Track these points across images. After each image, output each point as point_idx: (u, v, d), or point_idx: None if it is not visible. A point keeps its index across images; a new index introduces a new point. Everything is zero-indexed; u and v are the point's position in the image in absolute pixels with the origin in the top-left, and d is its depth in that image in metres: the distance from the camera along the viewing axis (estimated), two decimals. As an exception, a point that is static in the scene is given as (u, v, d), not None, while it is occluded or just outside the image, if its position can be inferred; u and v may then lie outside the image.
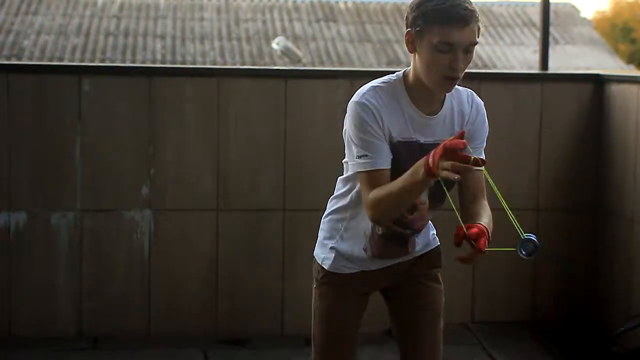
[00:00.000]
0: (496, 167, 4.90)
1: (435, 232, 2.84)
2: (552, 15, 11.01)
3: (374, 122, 2.51)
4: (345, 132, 2.60)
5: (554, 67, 10.79)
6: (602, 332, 4.76)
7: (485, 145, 2.70)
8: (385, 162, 2.52)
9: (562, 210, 5.00)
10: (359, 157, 2.52)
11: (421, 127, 2.56)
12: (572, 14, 16.84)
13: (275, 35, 14.54)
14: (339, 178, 2.74)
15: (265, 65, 13.40)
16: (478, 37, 2.48)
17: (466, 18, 2.43)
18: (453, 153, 2.28)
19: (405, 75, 2.59)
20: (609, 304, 4.87)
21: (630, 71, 16.08)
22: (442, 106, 2.59)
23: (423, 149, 2.50)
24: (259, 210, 4.76)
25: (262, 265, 4.79)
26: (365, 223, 2.66)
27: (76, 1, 15.33)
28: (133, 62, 13.38)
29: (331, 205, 2.76)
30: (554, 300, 5.03)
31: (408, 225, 2.66)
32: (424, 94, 2.55)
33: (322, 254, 2.76)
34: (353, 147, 2.54)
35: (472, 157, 2.30)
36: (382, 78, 2.61)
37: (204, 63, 13.67)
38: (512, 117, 4.95)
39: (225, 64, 13.67)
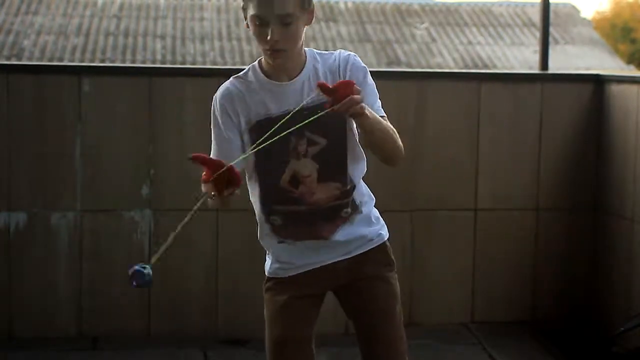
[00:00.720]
0: (496, 167, 4.92)
1: (381, 224, 2.73)
2: (552, 15, 11.02)
3: (227, 123, 2.64)
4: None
5: (554, 67, 10.79)
6: (602, 332, 4.76)
7: (377, 101, 2.61)
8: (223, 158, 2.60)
9: (562, 210, 5.00)
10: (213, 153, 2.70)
11: (279, 97, 2.57)
12: (572, 14, 16.84)
13: (275, 35, 14.52)
14: None
15: (265, 65, 13.37)
16: (305, 9, 2.50)
17: None
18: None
19: (259, 61, 2.64)
20: (609, 304, 4.87)
21: (630, 71, 16.08)
22: (301, 70, 2.57)
23: (273, 122, 2.49)
24: (259, 210, 4.75)
25: (262, 266, 4.77)
26: (261, 223, 2.72)
27: (76, 1, 15.34)
28: (133, 62, 13.38)
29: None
30: (554, 300, 5.03)
31: (297, 201, 2.60)
32: (272, 67, 2.58)
33: (267, 262, 2.83)
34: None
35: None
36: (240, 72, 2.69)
37: (204, 63, 13.67)
38: (512, 117, 4.95)
39: (225, 64, 13.68)
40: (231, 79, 2.69)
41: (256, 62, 2.65)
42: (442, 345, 4.70)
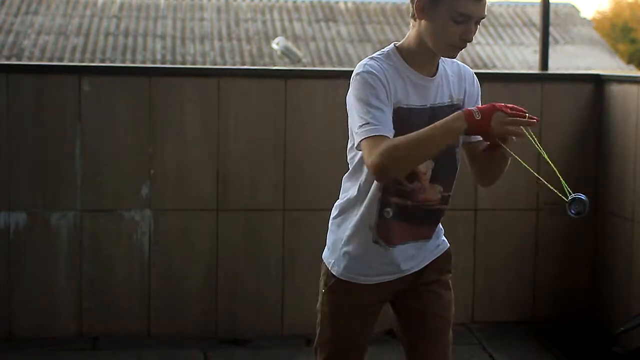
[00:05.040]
0: (496, 167, 4.91)
1: (443, 232, 2.79)
2: (552, 15, 11.02)
3: (381, 88, 2.49)
4: (350, 110, 2.54)
5: (554, 67, 10.79)
6: (602, 332, 4.76)
7: None
8: (388, 131, 2.45)
9: (562, 210, 4.98)
10: (363, 125, 2.45)
11: (421, 90, 2.57)
12: (572, 14, 16.84)
13: (275, 35, 14.54)
14: (344, 177, 2.70)
15: (265, 65, 13.40)
16: None
17: None
18: (502, 114, 2.38)
19: (397, 47, 2.59)
20: (609, 304, 4.87)
21: (630, 71, 16.08)
22: (437, 69, 2.61)
23: (433, 112, 2.54)
24: (259, 210, 4.76)
25: (262, 266, 4.78)
26: (369, 213, 2.59)
27: (76, 1, 15.34)
28: (133, 62, 13.38)
29: (337, 206, 2.70)
30: (554, 300, 5.03)
31: (408, 196, 2.58)
32: (421, 60, 2.57)
33: (332, 259, 2.69)
34: (357, 117, 2.48)
35: (527, 115, 2.36)
36: (377, 52, 2.62)
37: (204, 63, 13.67)
38: (512, 117, 4.94)
39: (225, 64, 13.67)
40: (373, 58, 2.58)
41: (393, 48, 2.59)
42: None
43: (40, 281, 4.65)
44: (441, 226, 2.77)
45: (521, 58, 14.64)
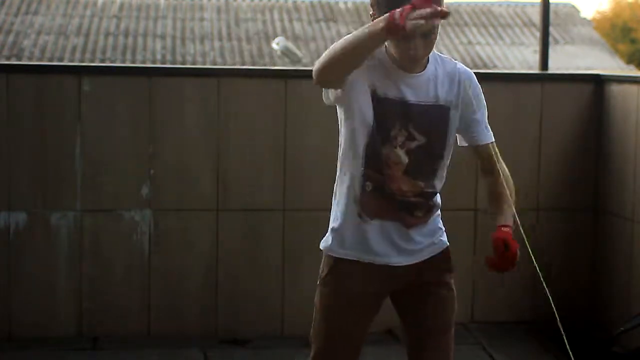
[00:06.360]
0: (496, 167, 4.91)
1: (443, 231, 2.79)
2: (552, 15, 11.01)
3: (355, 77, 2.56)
4: None
5: (554, 67, 10.79)
6: (603, 332, 4.75)
7: (484, 116, 2.75)
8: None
9: (562, 210, 5.00)
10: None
11: (408, 85, 2.60)
12: (572, 14, 16.83)
13: (275, 35, 14.54)
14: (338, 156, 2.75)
15: (265, 65, 13.40)
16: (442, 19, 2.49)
17: None
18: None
19: (386, 46, 2.63)
20: (609, 304, 4.87)
21: (630, 71, 16.07)
22: (425, 67, 2.62)
23: (410, 109, 2.58)
24: (259, 210, 4.76)
25: (262, 266, 4.78)
26: (354, 187, 2.65)
27: (76, 1, 15.34)
28: (133, 62, 13.38)
29: (335, 187, 2.75)
30: (554, 301, 5.02)
31: (384, 181, 2.62)
32: (401, 62, 2.60)
33: (323, 241, 2.75)
34: None
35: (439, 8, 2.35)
36: None
37: (204, 63, 13.67)
38: (512, 117, 4.95)
39: (225, 64, 13.67)
40: None
41: (383, 47, 2.63)
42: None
43: (40, 281, 4.65)
44: (441, 226, 2.77)
45: (521, 58, 14.63)
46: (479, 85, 2.72)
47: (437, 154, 2.66)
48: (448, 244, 2.79)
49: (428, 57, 2.62)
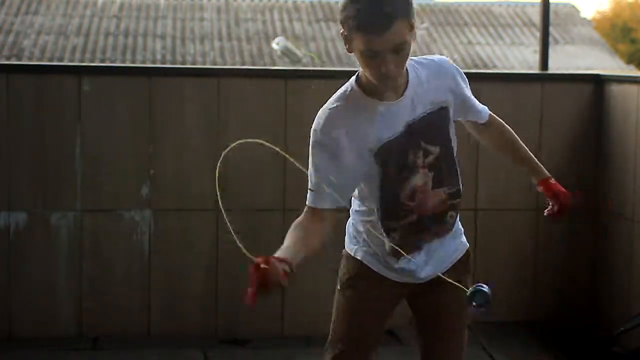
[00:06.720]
0: (496, 167, 4.92)
1: (462, 231, 2.78)
2: (552, 15, 11.00)
3: (330, 158, 2.52)
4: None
5: (554, 67, 10.79)
6: (602, 332, 4.75)
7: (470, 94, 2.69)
8: (326, 202, 2.52)
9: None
10: (309, 188, 2.62)
11: (390, 118, 2.51)
12: (572, 14, 16.84)
13: (275, 35, 14.54)
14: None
15: (265, 65, 13.40)
16: (412, 30, 2.41)
17: (384, 24, 2.33)
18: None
19: (358, 76, 2.55)
20: (609, 303, 4.86)
21: (630, 71, 16.07)
22: (407, 84, 2.53)
23: (412, 128, 2.52)
24: (259, 210, 4.76)
25: (262, 265, 4.77)
26: (377, 236, 2.63)
27: (76, 1, 15.34)
28: (133, 62, 13.38)
29: (356, 205, 2.71)
30: (554, 301, 5.03)
31: (412, 211, 2.58)
32: (379, 87, 2.49)
33: (353, 245, 2.71)
34: (309, 174, 2.60)
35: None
36: (337, 93, 2.59)
37: (204, 63, 13.67)
38: (512, 117, 4.90)
39: (225, 64, 13.67)
40: (330, 107, 2.58)
41: (353, 81, 2.55)
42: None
43: (40, 281, 4.65)
44: (460, 226, 2.76)
45: (521, 58, 14.63)
46: (456, 66, 2.66)
47: (450, 154, 2.63)
48: (468, 245, 2.79)
49: (407, 77, 2.53)
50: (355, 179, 2.56)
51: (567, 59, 14.48)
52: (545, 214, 2.89)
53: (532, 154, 2.85)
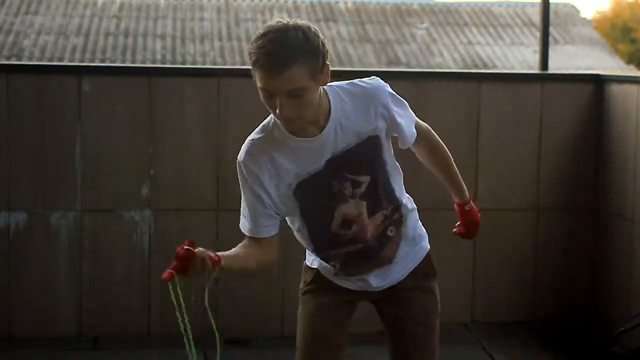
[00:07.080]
0: (496, 167, 4.92)
1: (422, 235, 2.73)
2: (552, 15, 11.02)
3: (252, 190, 2.49)
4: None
5: (554, 67, 10.79)
6: (602, 332, 4.75)
7: (409, 115, 2.58)
8: (261, 231, 2.54)
9: (562, 210, 4.99)
10: (241, 216, 2.58)
11: (311, 153, 2.42)
12: (572, 14, 16.83)
13: (275, 35, 14.51)
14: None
15: (265, 65, 13.36)
16: (320, 76, 2.31)
17: (279, 68, 2.25)
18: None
19: None
20: (609, 303, 4.86)
21: (630, 71, 16.07)
22: (328, 118, 2.42)
23: (336, 162, 2.43)
24: (259, 210, 4.75)
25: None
26: (320, 261, 2.66)
27: (76, 1, 15.33)
28: (133, 62, 13.38)
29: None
30: (554, 300, 5.03)
31: (353, 240, 2.54)
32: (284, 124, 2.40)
33: (311, 257, 2.72)
34: (242, 201, 2.55)
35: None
36: (262, 124, 2.54)
37: (204, 63, 13.67)
38: (512, 117, 4.95)
39: (225, 64, 13.66)
40: (252, 139, 2.52)
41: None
42: (442, 346, 4.67)
43: (40, 281, 4.65)
44: (420, 231, 2.71)
45: (521, 58, 14.63)
46: (390, 90, 2.54)
47: (384, 179, 2.53)
48: (429, 247, 2.73)
49: (328, 106, 2.42)
50: (279, 210, 2.53)
51: (567, 59, 14.47)
52: (453, 231, 2.88)
53: (459, 177, 2.80)
